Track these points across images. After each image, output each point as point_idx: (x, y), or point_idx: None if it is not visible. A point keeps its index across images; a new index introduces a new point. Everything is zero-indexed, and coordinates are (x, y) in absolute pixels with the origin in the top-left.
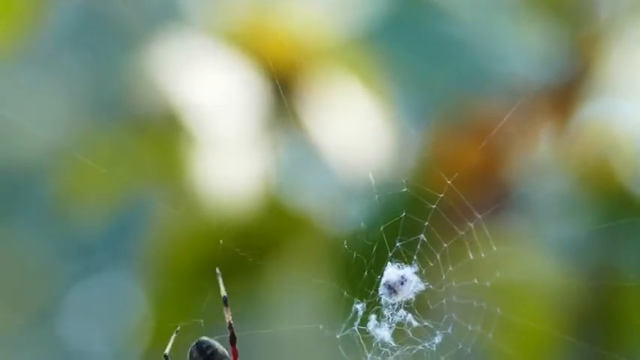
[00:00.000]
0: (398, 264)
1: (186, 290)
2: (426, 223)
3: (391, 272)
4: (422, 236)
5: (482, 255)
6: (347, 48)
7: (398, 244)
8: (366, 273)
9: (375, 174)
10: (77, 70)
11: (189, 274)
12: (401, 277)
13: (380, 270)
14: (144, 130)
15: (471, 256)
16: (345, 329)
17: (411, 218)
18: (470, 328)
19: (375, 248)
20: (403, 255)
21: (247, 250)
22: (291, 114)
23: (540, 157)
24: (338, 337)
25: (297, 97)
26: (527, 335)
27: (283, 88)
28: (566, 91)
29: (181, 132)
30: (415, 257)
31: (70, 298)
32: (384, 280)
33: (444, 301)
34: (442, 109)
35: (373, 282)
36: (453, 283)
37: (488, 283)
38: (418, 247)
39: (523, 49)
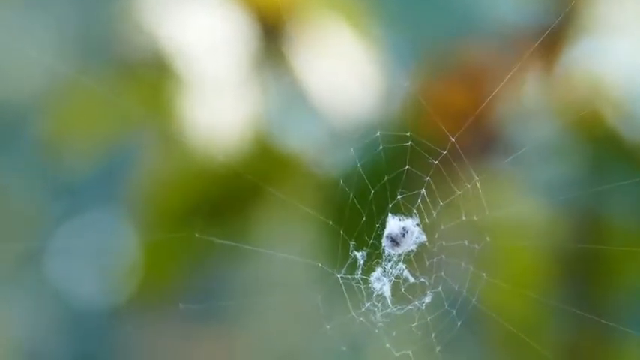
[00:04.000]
0: (399, 217)
1: (175, 230)
2: (426, 179)
3: (393, 225)
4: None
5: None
6: None
7: (399, 197)
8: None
9: (363, 117)
10: (66, 11)
11: (177, 215)
12: (402, 228)
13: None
14: (132, 72)
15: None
16: (345, 273)
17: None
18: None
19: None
20: (401, 206)
21: (237, 191)
22: (279, 56)
23: (528, 101)
24: (339, 276)
25: (285, 39)
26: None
27: (272, 31)
28: (554, 34)
29: (170, 74)
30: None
31: (57, 239)
32: (386, 232)
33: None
34: (430, 52)
35: (359, 214)
36: (443, 242)
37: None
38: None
39: None
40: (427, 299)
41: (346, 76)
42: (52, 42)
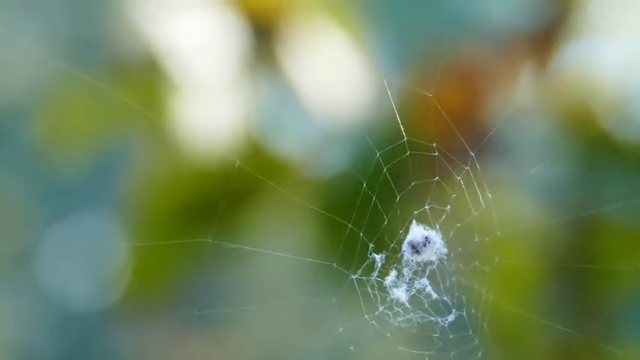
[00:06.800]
0: (424, 226)
1: (166, 232)
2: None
3: (417, 232)
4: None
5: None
6: None
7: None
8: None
9: (356, 118)
10: (58, 13)
11: (169, 217)
12: (425, 237)
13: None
14: (124, 73)
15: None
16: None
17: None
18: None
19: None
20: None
21: (228, 193)
22: (271, 57)
23: (521, 101)
24: (354, 277)
25: (277, 40)
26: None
27: (263, 31)
28: (547, 34)
29: (161, 75)
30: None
31: (48, 240)
32: (408, 238)
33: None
34: (422, 53)
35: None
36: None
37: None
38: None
39: None
40: (450, 317)
41: (338, 77)
42: (44, 43)
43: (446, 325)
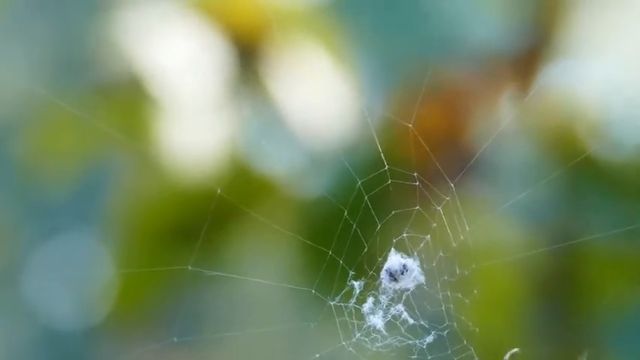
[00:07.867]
0: (401, 254)
1: (149, 253)
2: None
3: (394, 260)
4: None
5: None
6: (312, 13)
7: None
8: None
9: (339, 141)
10: (42, 33)
11: (153, 237)
12: (402, 266)
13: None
14: (109, 94)
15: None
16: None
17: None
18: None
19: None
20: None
21: (211, 216)
22: (256, 79)
23: (504, 123)
24: (332, 304)
25: (262, 62)
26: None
27: (248, 53)
28: (530, 56)
29: (146, 97)
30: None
31: (34, 260)
32: (385, 266)
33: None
34: (406, 74)
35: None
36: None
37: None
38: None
39: (485, 14)
40: (429, 338)
41: (321, 99)
42: (29, 64)
43: (424, 347)
